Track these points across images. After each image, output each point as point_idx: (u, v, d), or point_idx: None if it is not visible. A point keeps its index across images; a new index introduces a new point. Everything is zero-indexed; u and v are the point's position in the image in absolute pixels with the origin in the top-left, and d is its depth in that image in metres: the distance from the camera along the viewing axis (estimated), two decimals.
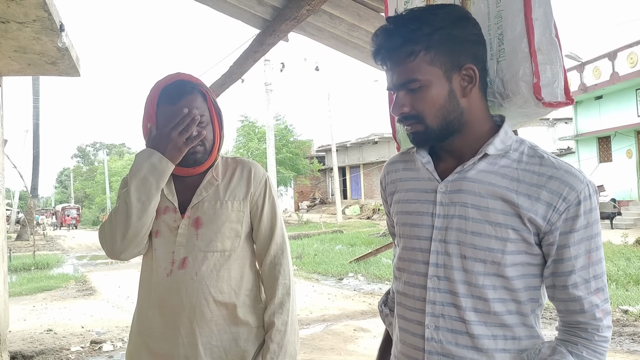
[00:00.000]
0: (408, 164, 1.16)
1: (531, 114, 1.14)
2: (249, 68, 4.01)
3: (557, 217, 0.96)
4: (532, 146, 1.04)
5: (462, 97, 1.02)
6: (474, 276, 0.99)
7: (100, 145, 70.41)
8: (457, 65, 1.00)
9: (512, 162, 1.01)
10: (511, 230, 0.97)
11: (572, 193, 0.95)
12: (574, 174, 0.97)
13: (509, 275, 0.99)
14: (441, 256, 1.03)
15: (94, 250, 19.02)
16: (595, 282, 0.97)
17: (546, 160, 1.00)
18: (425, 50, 0.99)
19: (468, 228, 1.00)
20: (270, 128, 15.07)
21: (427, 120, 1.02)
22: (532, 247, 0.99)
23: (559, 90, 1.07)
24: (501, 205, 0.98)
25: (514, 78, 1.09)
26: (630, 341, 5.44)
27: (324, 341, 5.60)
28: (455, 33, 1.00)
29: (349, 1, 2.98)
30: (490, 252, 0.98)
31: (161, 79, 1.57)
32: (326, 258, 12.46)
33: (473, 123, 1.04)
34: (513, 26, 1.10)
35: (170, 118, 1.49)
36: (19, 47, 4.18)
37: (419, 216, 1.08)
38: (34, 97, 26.95)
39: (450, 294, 1.02)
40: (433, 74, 1.00)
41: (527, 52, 1.07)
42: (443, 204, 1.04)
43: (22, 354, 5.25)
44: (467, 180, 1.02)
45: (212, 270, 1.53)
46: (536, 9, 1.08)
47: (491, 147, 1.01)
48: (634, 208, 16.44)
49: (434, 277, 1.03)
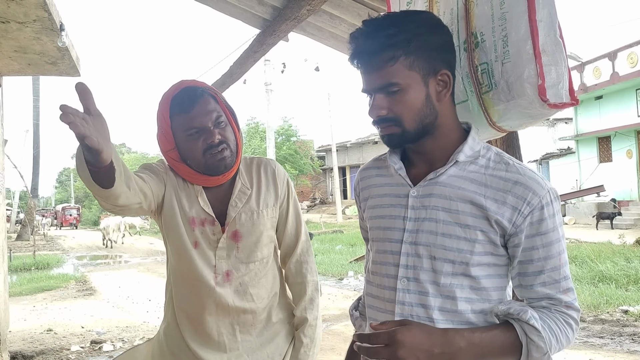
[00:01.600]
0: (381, 170, 1.20)
1: (536, 115, 1.14)
2: (249, 68, 4.01)
3: (521, 220, 1.00)
4: (497, 152, 1.08)
5: (437, 101, 1.05)
6: (442, 276, 1.03)
7: None
8: (434, 70, 1.03)
9: (480, 168, 1.05)
10: (479, 231, 1.01)
11: (535, 198, 0.99)
12: (536, 181, 1.01)
13: (476, 274, 1.03)
14: (411, 258, 1.06)
15: (94, 250, 19.03)
16: (565, 283, 1.01)
17: (511, 166, 1.04)
18: (405, 55, 1.01)
19: (438, 230, 1.04)
20: (270, 128, 15.08)
21: (405, 123, 1.05)
22: (497, 248, 1.03)
23: (564, 91, 1.08)
24: (470, 208, 1.02)
25: (519, 80, 1.09)
26: (631, 341, 5.44)
27: (324, 341, 5.60)
28: (432, 39, 1.03)
29: (349, 1, 2.97)
30: (460, 253, 1.02)
31: (167, 91, 1.52)
32: (326, 258, 12.46)
33: (444, 127, 1.07)
34: (517, 28, 1.10)
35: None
36: (19, 47, 4.18)
37: (391, 220, 1.11)
38: (34, 97, 26.96)
39: (419, 294, 1.05)
40: (412, 78, 1.02)
41: (531, 54, 1.08)
42: (414, 207, 1.07)
43: (22, 354, 5.24)
44: (438, 185, 1.06)
45: (254, 278, 1.57)
46: (540, 10, 1.08)
47: (461, 155, 1.05)
48: (634, 208, 16.45)
49: (403, 278, 1.06)
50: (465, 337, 0.96)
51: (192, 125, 1.46)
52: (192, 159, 1.49)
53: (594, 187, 17.57)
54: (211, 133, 1.47)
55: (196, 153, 1.47)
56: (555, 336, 0.98)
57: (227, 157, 1.49)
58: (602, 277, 8.12)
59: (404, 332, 0.92)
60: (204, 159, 1.47)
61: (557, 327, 0.99)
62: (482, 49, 1.17)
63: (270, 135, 14.88)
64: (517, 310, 0.98)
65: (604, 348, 5.27)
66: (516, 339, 0.97)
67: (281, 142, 25.96)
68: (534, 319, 0.97)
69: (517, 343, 0.97)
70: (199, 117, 1.46)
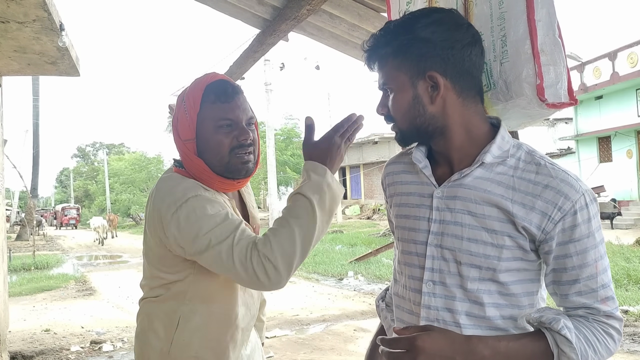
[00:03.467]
0: (407, 166, 1.17)
1: (535, 115, 1.13)
2: (249, 68, 4.01)
3: (552, 227, 0.95)
4: (529, 152, 1.03)
5: (430, 103, 1.02)
6: (469, 281, 1.00)
7: (100, 145, 70.40)
8: (422, 72, 1.00)
9: (509, 169, 1.01)
10: (507, 237, 0.97)
11: (567, 203, 0.94)
12: (569, 183, 0.96)
13: (504, 280, 0.99)
14: (437, 261, 1.03)
15: (94, 250, 19.02)
16: (604, 291, 0.96)
17: (542, 167, 0.99)
18: (393, 57, 1.02)
19: (464, 234, 1.00)
20: (270, 128, 15.06)
21: (398, 123, 1.06)
22: (528, 253, 0.99)
23: (563, 91, 1.07)
24: (497, 212, 0.98)
25: (517, 79, 1.08)
26: (631, 341, 5.44)
27: (324, 341, 5.59)
28: (422, 37, 1.00)
29: (349, 1, 2.97)
30: (486, 259, 0.98)
31: (200, 78, 1.41)
32: (326, 258, 12.45)
33: (454, 127, 1.03)
34: (516, 28, 1.09)
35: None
36: (18, 47, 4.18)
37: (416, 220, 1.09)
38: (34, 97, 26.96)
39: (445, 298, 1.02)
40: (399, 79, 1.02)
41: (530, 54, 1.07)
42: (439, 209, 1.05)
43: (22, 354, 5.24)
44: (463, 187, 1.02)
45: None
46: (539, 10, 1.07)
47: (488, 156, 1.01)
48: (634, 208, 16.44)
49: (429, 281, 1.04)
50: (490, 346, 0.91)
51: (226, 117, 1.35)
52: (214, 154, 1.35)
53: (594, 187, 17.54)
54: (245, 131, 1.37)
55: (222, 148, 1.35)
56: (592, 347, 0.92)
57: (251, 162, 1.40)
58: None
59: (425, 338, 0.90)
60: (228, 157, 1.36)
61: (595, 337, 0.93)
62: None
63: (270, 135, 14.86)
64: (549, 319, 0.93)
65: None
66: (547, 348, 0.92)
67: (284, 145, 25.84)
68: (567, 329, 0.91)
69: (549, 352, 0.92)
70: (236, 110, 1.36)
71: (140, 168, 37.17)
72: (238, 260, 1.21)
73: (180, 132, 1.39)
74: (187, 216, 1.27)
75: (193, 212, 1.27)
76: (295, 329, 6.24)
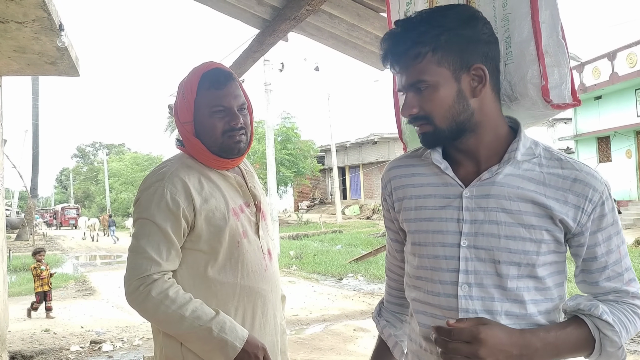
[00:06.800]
0: (418, 168, 1.13)
1: (539, 116, 1.14)
2: (249, 68, 4.01)
3: (586, 219, 0.99)
4: (545, 148, 1.05)
5: (472, 97, 1.01)
6: (508, 280, 0.99)
7: (100, 145, 70.34)
8: (466, 65, 0.99)
9: (535, 166, 1.02)
10: (545, 231, 0.99)
11: (595, 194, 0.98)
12: (594, 176, 1.00)
13: (541, 275, 1.00)
14: (471, 262, 1.01)
15: (93, 250, 19.01)
16: (627, 274, 1.01)
17: (565, 162, 1.02)
18: (433, 52, 0.99)
19: (501, 232, 0.99)
20: (270, 128, 15.02)
21: (436, 121, 1.02)
22: (561, 246, 1.02)
23: (567, 92, 1.08)
24: (532, 207, 0.99)
25: (522, 81, 1.09)
26: (630, 341, 5.44)
27: (324, 341, 5.59)
28: (464, 33, 0.99)
29: (348, 1, 2.97)
30: (526, 255, 0.99)
31: (197, 67, 1.57)
32: (326, 258, 12.46)
33: (486, 124, 1.03)
34: (520, 29, 1.09)
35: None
36: (18, 47, 4.18)
37: (441, 222, 1.05)
38: (34, 97, 26.91)
39: (483, 300, 1.00)
40: (441, 74, 0.99)
41: (534, 55, 1.07)
42: (470, 209, 1.02)
43: (21, 354, 5.24)
44: (496, 185, 1.01)
45: (275, 254, 1.66)
46: (543, 11, 1.07)
47: (518, 153, 1.02)
48: (634, 208, 16.46)
49: (464, 284, 1.01)
50: (541, 338, 0.95)
51: (219, 103, 1.50)
52: (209, 136, 1.51)
53: None
54: (236, 116, 1.52)
55: (216, 131, 1.51)
56: (625, 328, 0.97)
57: (242, 142, 1.54)
58: None
59: (487, 331, 0.91)
60: (221, 139, 1.51)
61: (627, 318, 0.98)
62: None
63: (270, 135, 14.82)
64: (587, 305, 0.97)
65: None
66: (589, 334, 0.96)
67: (281, 145, 25.75)
68: (606, 314, 0.96)
69: (590, 338, 0.96)
70: (228, 97, 1.51)
71: (140, 168, 37.12)
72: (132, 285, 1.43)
73: (180, 115, 1.55)
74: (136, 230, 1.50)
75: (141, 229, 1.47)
76: (294, 329, 6.25)
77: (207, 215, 1.47)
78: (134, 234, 1.49)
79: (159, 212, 1.44)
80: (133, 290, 1.41)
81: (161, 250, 1.42)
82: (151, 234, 1.44)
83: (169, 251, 1.43)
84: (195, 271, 1.48)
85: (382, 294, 1.37)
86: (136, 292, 1.41)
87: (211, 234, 1.47)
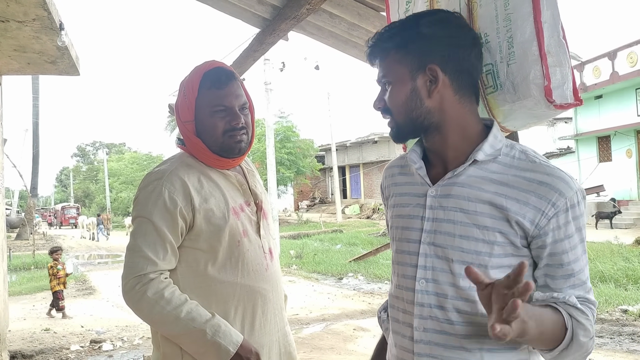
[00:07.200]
0: (404, 168, 1.19)
1: (541, 116, 1.14)
2: (249, 67, 4.00)
3: (545, 222, 0.97)
4: (523, 150, 1.05)
5: (427, 97, 1.04)
6: (461, 279, 1.00)
7: (100, 145, 70.33)
8: (423, 65, 1.03)
9: (502, 167, 1.02)
10: (498, 233, 0.99)
11: (561, 199, 0.96)
12: (564, 180, 0.98)
13: (496, 277, 0.97)
14: (429, 259, 1.04)
15: (94, 250, 19.02)
16: (588, 282, 1.02)
17: (538, 165, 1.01)
18: (395, 51, 1.05)
19: (456, 232, 1.02)
20: (270, 128, 15.02)
21: (395, 116, 1.08)
22: (519, 249, 1.00)
23: (569, 92, 1.08)
24: (489, 209, 1.00)
25: (525, 81, 1.09)
26: (630, 341, 5.44)
27: (324, 340, 5.60)
28: (425, 33, 1.03)
29: (349, 0, 2.97)
30: (478, 255, 0.99)
31: (199, 65, 1.56)
32: (326, 257, 12.47)
33: (449, 124, 1.06)
34: (523, 29, 1.09)
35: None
36: (18, 46, 4.18)
37: (409, 219, 1.10)
38: (34, 96, 26.92)
39: (437, 296, 1.03)
40: (400, 72, 1.05)
41: (537, 55, 1.07)
42: (432, 207, 1.06)
43: (22, 354, 5.24)
44: (457, 185, 1.04)
45: (277, 253, 1.66)
46: (545, 11, 1.07)
47: (480, 153, 1.03)
48: (634, 208, 16.46)
49: (421, 279, 1.05)
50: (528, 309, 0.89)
51: (221, 103, 1.50)
52: (210, 135, 1.51)
53: (593, 187, 17.57)
54: (237, 115, 1.51)
55: (216, 131, 1.50)
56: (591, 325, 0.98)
57: (243, 142, 1.54)
58: (602, 277, 8.12)
59: None
60: (222, 138, 1.51)
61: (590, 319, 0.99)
62: (487, 49, 1.17)
63: (270, 135, 14.82)
64: (561, 296, 0.97)
65: (603, 347, 5.28)
66: (563, 324, 0.95)
67: (280, 145, 25.69)
68: (581, 304, 0.97)
69: (562, 328, 0.95)
70: (229, 97, 1.51)
71: (140, 167, 37.12)
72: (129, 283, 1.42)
73: (181, 114, 1.55)
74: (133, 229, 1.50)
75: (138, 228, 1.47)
76: (294, 328, 6.25)
77: (207, 214, 1.46)
78: (131, 232, 1.49)
79: (157, 210, 1.44)
80: (129, 289, 1.41)
81: (158, 250, 1.42)
82: (148, 233, 1.44)
83: (166, 250, 1.43)
84: (195, 269, 1.48)
85: (382, 293, 1.39)
86: (132, 290, 1.41)
87: (210, 233, 1.47)
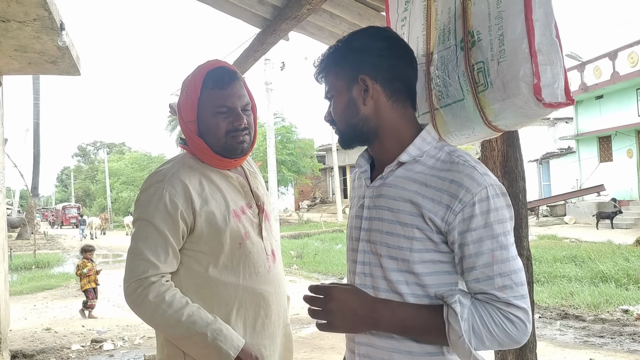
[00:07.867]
0: (357, 173, 1.28)
1: (531, 115, 1.14)
2: (250, 67, 4.01)
3: (453, 217, 1.02)
4: (450, 152, 1.10)
5: (362, 104, 1.12)
6: (389, 272, 1.08)
7: (101, 144, 70.34)
8: (355, 76, 1.11)
9: (425, 168, 1.09)
10: (416, 229, 1.05)
11: (467, 195, 1.02)
12: (473, 178, 1.03)
13: (419, 272, 1.06)
14: (367, 255, 1.13)
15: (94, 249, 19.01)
16: (501, 280, 1.00)
17: (455, 165, 1.06)
18: (333, 66, 1.15)
19: (384, 228, 1.10)
20: (270, 128, 15.03)
21: (338, 125, 1.17)
22: (439, 245, 1.06)
23: (560, 91, 1.08)
24: (409, 207, 1.07)
25: (515, 79, 1.09)
26: (631, 341, 5.44)
27: (324, 340, 5.60)
28: (356, 47, 1.12)
29: (349, 0, 2.97)
30: (400, 250, 1.07)
31: (201, 65, 1.56)
32: (326, 257, 12.47)
33: (385, 130, 1.13)
34: (514, 27, 1.10)
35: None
36: (19, 46, 4.19)
37: (355, 219, 1.20)
38: (35, 96, 26.96)
39: (373, 289, 1.11)
40: (338, 85, 1.14)
41: (527, 53, 1.08)
42: (369, 207, 1.15)
43: (22, 353, 5.25)
44: (386, 186, 1.12)
45: (279, 255, 1.65)
46: (536, 9, 1.08)
47: (404, 155, 1.10)
48: (635, 208, 16.45)
49: (360, 274, 1.14)
50: (391, 308, 1.06)
51: (223, 104, 1.49)
52: (212, 136, 1.51)
53: (594, 187, 17.55)
54: (240, 116, 1.51)
55: (219, 131, 1.50)
56: (487, 327, 0.99)
57: (246, 142, 1.53)
58: (603, 277, 8.12)
59: (339, 289, 1.09)
60: (225, 139, 1.50)
61: (492, 319, 0.99)
62: (479, 47, 1.17)
63: (271, 134, 14.82)
64: (447, 294, 1.03)
65: (604, 347, 5.28)
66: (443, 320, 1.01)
67: (281, 147, 25.66)
68: (458, 303, 1.00)
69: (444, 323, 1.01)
70: (232, 97, 1.50)
71: (141, 167, 37.12)
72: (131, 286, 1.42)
73: (183, 114, 1.54)
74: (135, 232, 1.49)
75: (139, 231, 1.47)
76: (295, 328, 6.25)
77: (207, 217, 1.46)
78: (133, 235, 1.48)
79: (158, 213, 1.43)
80: (131, 292, 1.42)
81: (159, 253, 1.42)
82: (149, 236, 1.44)
83: (167, 253, 1.43)
84: (197, 272, 1.48)
85: None
86: (134, 294, 1.41)
87: (211, 235, 1.46)
